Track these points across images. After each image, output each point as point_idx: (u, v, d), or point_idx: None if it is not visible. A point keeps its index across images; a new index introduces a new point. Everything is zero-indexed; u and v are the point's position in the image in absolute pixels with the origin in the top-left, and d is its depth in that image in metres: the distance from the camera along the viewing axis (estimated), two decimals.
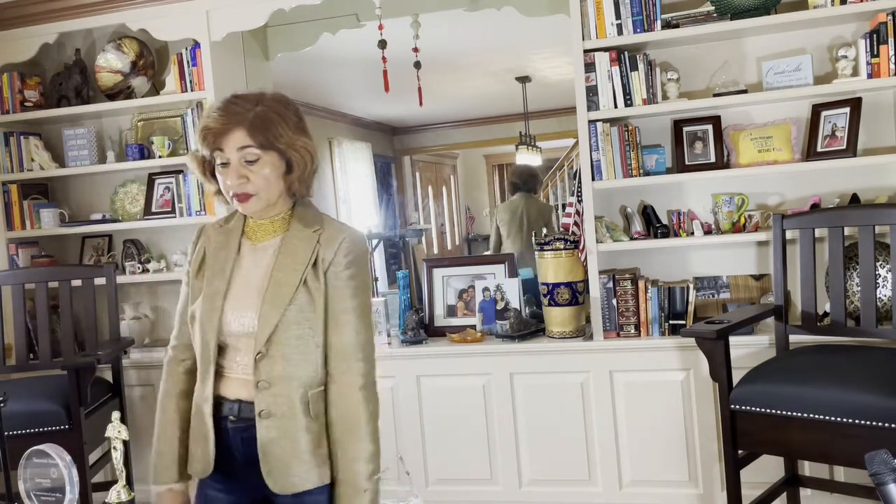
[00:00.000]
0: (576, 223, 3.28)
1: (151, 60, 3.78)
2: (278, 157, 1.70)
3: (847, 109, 3.00)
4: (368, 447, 1.69)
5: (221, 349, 1.75)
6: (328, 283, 1.72)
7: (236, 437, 1.74)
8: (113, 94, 3.74)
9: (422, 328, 3.50)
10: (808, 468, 2.96)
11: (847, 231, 2.83)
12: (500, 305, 3.43)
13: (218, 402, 1.75)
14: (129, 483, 1.83)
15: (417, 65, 4.38)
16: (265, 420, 1.69)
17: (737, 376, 2.66)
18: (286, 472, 1.69)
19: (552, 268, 3.23)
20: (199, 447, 1.77)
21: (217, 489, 1.81)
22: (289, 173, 1.72)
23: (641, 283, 3.15)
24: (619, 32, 3.09)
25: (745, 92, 3.08)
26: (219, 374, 1.76)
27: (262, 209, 1.74)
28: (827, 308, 2.93)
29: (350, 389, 1.70)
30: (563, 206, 6.06)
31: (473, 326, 3.45)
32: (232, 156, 1.67)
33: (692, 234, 3.19)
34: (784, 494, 2.90)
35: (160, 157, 3.66)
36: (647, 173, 3.19)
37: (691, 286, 3.16)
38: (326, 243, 1.73)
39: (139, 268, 3.72)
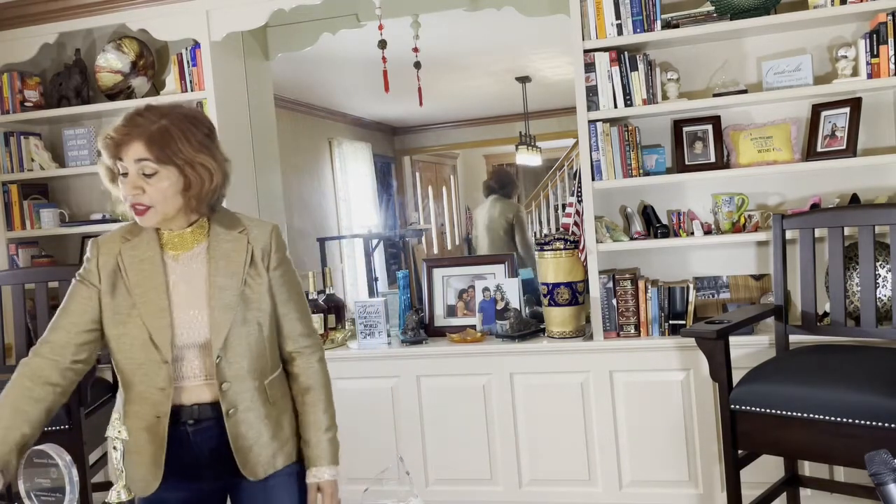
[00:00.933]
0: (576, 223, 3.28)
1: (151, 60, 3.78)
2: (177, 173, 1.69)
3: (847, 109, 3.00)
4: (329, 413, 1.87)
5: (174, 364, 1.76)
6: (270, 276, 1.82)
7: (196, 437, 1.79)
8: (113, 94, 3.74)
9: (422, 328, 3.51)
10: (808, 468, 2.96)
11: (847, 231, 2.83)
12: (500, 305, 3.43)
13: (177, 412, 1.77)
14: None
15: (417, 65, 4.39)
16: (232, 417, 1.77)
17: (737, 376, 2.67)
18: (256, 460, 1.79)
19: (552, 268, 3.23)
20: (143, 466, 1.76)
21: (167, 494, 1.80)
22: (186, 191, 1.71)
23: (641, 283, 3.15)
24: (619, 32, 3.09)
25: (745, 92, 3.08)
26: (175, 387, 1.77)
27: (159, 222, 1.76)
28: (827, 308, 2.93)
29: (311, 361, 1.88)
30: (563, 206, 6.08)
31: (473, 326, 3.45)
32: (130, 167, 1.69)
33: (692, 234, 3.19)
34: (784, 494, 2.90)
35: None
36: (647, 173, 3.19)
37: (691, 286, 3.16)
38: (256, 240, 1.81)
39: None
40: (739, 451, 2.65)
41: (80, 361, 1.79)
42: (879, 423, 2.30)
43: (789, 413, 2.47)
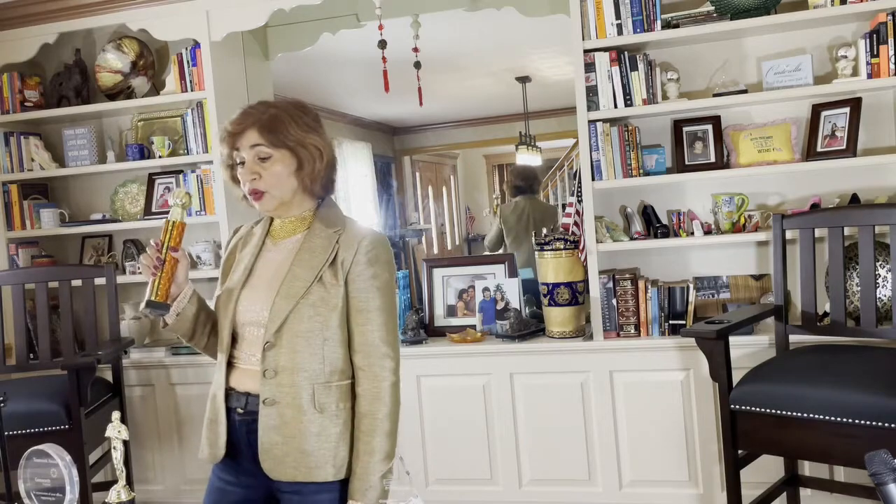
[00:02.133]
0: (576, 223, 3.28)
1: (151, 60, 3.79)
2: (289, 155, 1.78)
3: (847, 109, 3.00)
4: (385, 444, 1.76)
5: (236, 340, 1.82)
6: (350, 283, 1.77)
7: (242, 429, 1.79)
8: (113, 94, 3.74)
9: (422, 328, 3.51)
10: (808, 468, 2.96)
11: (847, 231, 2.83)
12: (500, 305, 3.43)
13: (228, 393, 1.81)
14: (129, 483, 1.83)
15: (417, 65, 4.38)
16: (268, 408, 1.74)
17: (737, 376, 2.67)
18: (283, 459, 1.74)
19: (552, 268, 3.23)
20: (211, 432, 1.83)
21: (225, 481, 1.85)
22: (300, 170, 1.79)
23: (641, 283, 3.15)
24: (619, 32, 3.09)
25: (745, 92, 3.08)
26: (232, 364, 1.82)
27: (276, 207, 1.81)
28: (827, 308, 2.93)
29: (379, 384, 1.79)
30: (563, 206, 6.06)
31: (473, 326, 3.45)
32: (246, 154, 1.78)
33: (692, 234, 3.19)
34: (784, 494, 2.90)
35: (160, 157, 3.66)
36: (647, 173, 3.19)
37: (691, 286, 3.16)
38: (345, 244, 1.79)
39: (139, 268, 3.71)
40: (739, 451, 2.65)
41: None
42: (879, 423, 2.30)
43: (789, 413, 2.47)
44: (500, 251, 5.60)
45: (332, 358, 1.77)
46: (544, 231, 3.35)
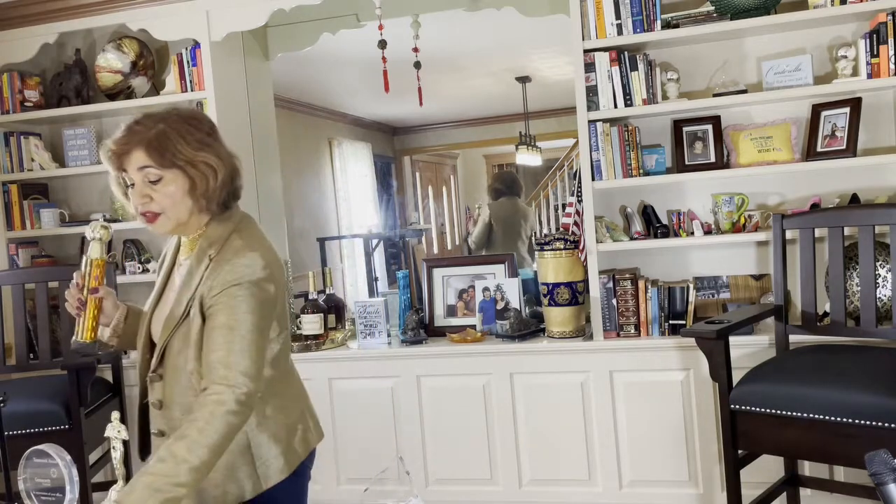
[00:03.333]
0: (576, 223, 3.28)
1: (151, 60, 3.78)
2: (181, 175, 1.66)
3: (847, 109, 3.00)
4: (180, 474, 1.50)
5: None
6: (205, 309, 1.66)
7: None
8: (113, 94, 3.74)
9: (422, 328, 3.50)
10: (808, 468, 2.96)
11: (847, 231, 2.83)
12: (500, 305, 3.43)
13: (147, 407, 1.80)
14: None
15: (417, 65, 4.38)
16: (158, 439, 1.73)
17: (737, 376, 2.67)
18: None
19: (552, 268, 3.23)
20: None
21: None
22: (193, 190, 1.68)
23: (641, 283, 3.15)
24: (619, 32, 3.09)
25: (745, 92, 3.08)
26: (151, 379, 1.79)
27: (173, 228, 1.73)
28: (827, 308, 2.93)
29: (210, 408, 1.56)
30: (563, 206, 6.10)
31: (473, 326, 3.45)
32: (135, 176, 1.67)
33: (692, 234, 3.19)
34: (784, 494, 2.90)
35: None
36: (647, 173, 3.19)
37: (691, 286, 3.16)
38: (211, 272, 1.67)
39: (139, 268, 3.72)
40: (739, 451, 2.65)
41: None
42: (879, 423, 2.30)
43: (789, 413, 2.47)
44: (484, 249, 5.82)
45: (198, 390, 1.65)
46: (544, 231, 3.34)
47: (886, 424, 2.29)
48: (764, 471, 2.88)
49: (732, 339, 2.73)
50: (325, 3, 3.38)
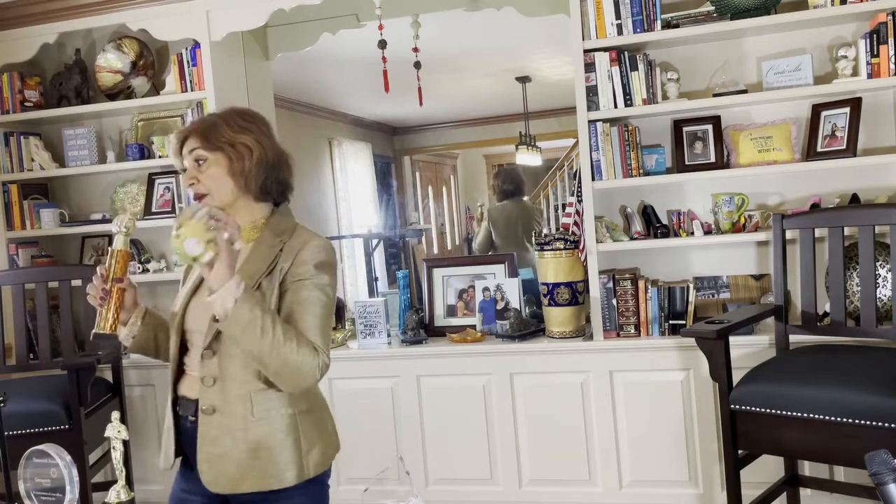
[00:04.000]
0: (576, 223, 3.28)
1: (151, 60, 3.79)
2: (222, 156, 1.80)
3: (847, 109, 3.00)
4: (273, 335, 1.63)
5: (188, 348, 1.82)
6: (285, 288, 1.75)
7: (191, 436, 1.79)
8: (113, 94, 3.74)
9: (422, 328, 3.51)
10: (808, 468, 2.96)
11: (847, 231, 2.83)
12: (500, 305, 3.43)
13: (182, 402, 1.81)
14: (129, 483, 1.83)
15: (417, 65, 4.38)
16: (208, 416, 1.74)
17: (737, 376, 2.67)
18: (222, 469, 1.74)
19: (552, 268, 3.23)
20: (166, 440, 1.85)
21: (185, 490, 1.86)
22: (232, 169, 1.81)
23: (641, 283, 3.16)
24: (619, 32, 3.09)
25: (745, 92, 3.08)
26: (183, 371, 1.83)
27: (225, 207, 1.80)
28: (827, 308, 2.93)
29: (308, 349, 1.70)
30: (563, 206, 6.06)
31: (473, 326, 3.45)
32: (187, 160, 1.82)
33: (692, 234, 3.19)
34: (784, 494, 2.90)
35: (160, 157, 3.66)
36: (647, 173, 3.19)
37: (691, 286, 3.16)
38: (287, 252, 1.78)
39: (139, 268, 3.72)
40: (739, 451, 2.65)
41: None
42: (879, 423, 2.30)
43: (789, 413, 2.47)
44: (490, 253, 5.61)
45: None
46: (544, 231, 3.34)
47: (886, 424, 2.29)
48: (764, 471, 2.88)
49: (732, 339, 2.73)
50: (325, 3, 3.38)
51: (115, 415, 1.79)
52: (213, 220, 1.58)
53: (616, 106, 3.12)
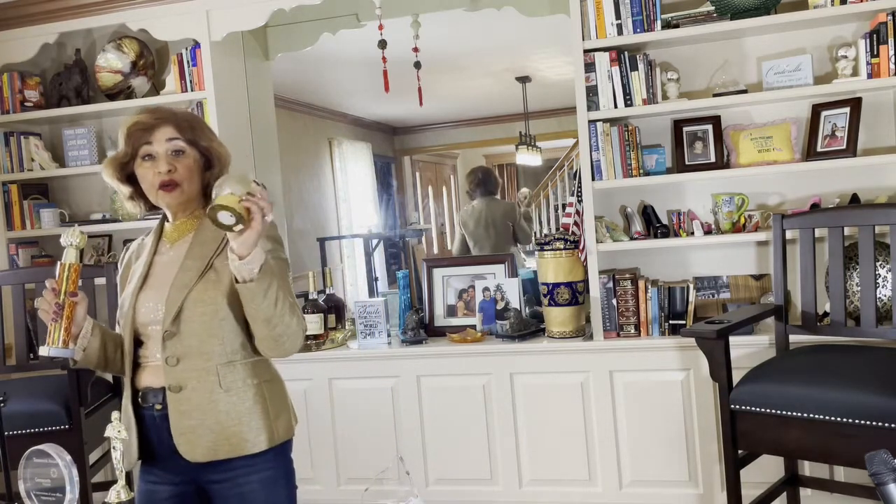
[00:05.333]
0: (576, 223, 3.28)
1: (151, 60, 3.78)
2: (199, 155, 1.85)
3: (847, 109, 3.00)
4: (278, 293, 1.72)
5: (142, 343, 1.85)
6: None
7: (162, 424, 1.81)
8: (113, 94, 3.74)
9: (422, 328, 3.50)
10: (808, 468, 2.96)
11: (847, 231, 2.83)
12: (500, 305, 3.43)
13: (144, 393, 1.83)
14: (129, 483, 1.83)
15: (417, 65, 4.38)
16: (175, 394, 1.78)
17: (737, 376, 2.67)
18: (197, 441, 1.78)
19: (552, 268, 3.23)
20: (129, 440, 1.86)
21: (152, 482, 1.89)
22: (208, 171, 1.87)
23: (641, 283, 3.15)
24: (619, 32, 3.09)
25: (745, 92, 3.08)
26: (140, 365, 1.85)
27: (182, 201, 1.86)
28: (827, 308, 2.93)
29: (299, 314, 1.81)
30: (563, 206, 6.06)
31: (473, 326, 3.45)
32: (160, 147, 1.81)
33: (692, 234, 3.19)
34: (784, 494, 2.90)
35: None
36: (647, 173, 3.19)
37: (691, 286, 3.16)
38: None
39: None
40: (739, 451, 2.65)
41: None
42: (879, 423, 2.30)
43: (789, 413, 2.47)
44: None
45: (230, 337, 1.80)
46: (544, 231, 3.34)
47: (886, 424, 2.29)
48: (764, 471, 2.88)
49: (732, 339, 2.73)
50: (325, 3, 3.38)
51: (115, 415, 1.78)
52: (246, 194, 1.61)
53: (616, 106, 3.12)
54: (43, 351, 1.74)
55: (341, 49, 5.22)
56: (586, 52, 3.13)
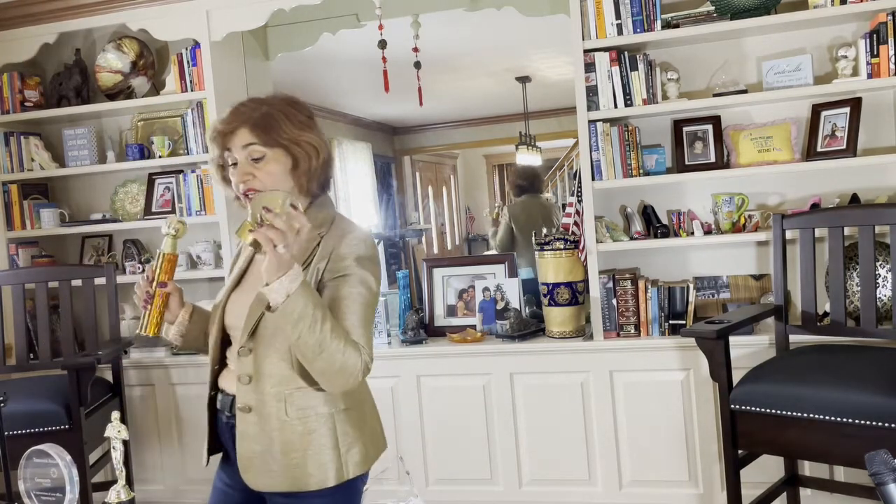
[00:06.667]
0: (576, 223, 3.28)
1: (151, 60, 3.79)
2: (283, 154, 1.71)
3: (847, 109, 3.00)
4: (329, 329, 1.58)
5: (229, 343, 1.80)
6: (323, 284, 1.68)
7: (228, 433, 1.78)
8: (113, 94, 3.74)
9: (422, 328, 3.51)
10: (808, 468, 2.96)
11: (847, 231, 2.83)
12: (500, 305, 3.43)
13: (223, 397, 1.80)
14: (129, 483, 1.83)
15: (417, 65, 4.38)
16: (245, 414, 1.71)
17: (737, 376, 2.67)
18: (261, 468, 1.71)
19: (552, 268, 3.23)
20: (202, 435, 1.85)
21: (226, 483, 1.86)
22: (295, 169, 1.73)
23: (641, 283, 3.15)
24: (619, 32, 3.09)
25: (745, 92, 3.08)
26: (224, 364, 1.82)
27: None
28: (827, 308, 2.93)
29: (354, 347, 1.63)
30: (564, 206, 6.10)
31: (473, 326, 3.45)
32: (238, 154, 1.71)
33: (692, 234, 3.19)
34: (784, 494, 2.90)
35: (160, 157, 3.66)
36: (647, 173, 3.19)
37: (691, 286, 3.16)
38: (324, 247, 1.71)
39: (139, 268, 3.72)
40: (739, 451, 2.65)
41: None
42: (879, 423, 2.30)
43: (789, 413, 2.47)
44: (511, 250, 5.59)
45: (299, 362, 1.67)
46: (544, 231, 3.35)
47: (886, 424, 2.29)
48: (764, 471, 2.88)
49: (732, 339, 2.73)
50: (325, 3, 3.39)
51: (115, 415, 1.78)
52: (268, 213, 1.52)
53: (616, 106, 3.12)
54: (136, 334, 1.79)
55: (341, 49, 5.22)
56: (586, 52, 3.13)
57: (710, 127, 3.18)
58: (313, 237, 1.72)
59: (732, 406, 2.60)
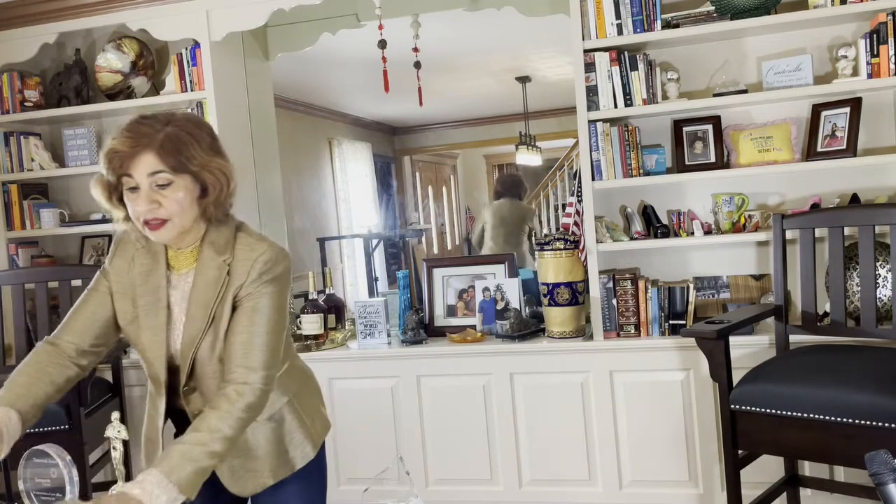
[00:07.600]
0: (576, 223, 3.28)
1: (151, 60, 3.78)
2: (192, 181, 1.61)
3: (847, 109, 3.00)
4: (203, 459, 1.51)
5: (176, 368, 1.75)
6: (237, 302, 1.66)
7: None
8: (113, 94, 3.74)
9: (422, 328, 3.50)
10: (808, 468, 2.96)
11: (847, 231, 2.83)
12: (500, 305, 3.43)
13: (183, 415, 1.77)
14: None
15: (417, 65, 4.38)
16: None
17: (737, 376, 2.67)
18: (246, 476, 1.76)
19: (552, 268, 3.23)
20: (148, 451, 1.82)
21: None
22: (203, 197, 1.64)
23: (641, 283, 3.15)
24: (619, 32, 3.09)
25: (745, 92, 3.08)
26: (174, 389, 1.75)
27: (175, 236, 1.66)
28: (827, 308, 2.93)
29: (233, 403, 1.57)
30: (563, 206, 6.21)
31: (473, 326, 3.45)
32: (142, 181, 1.58)
33: (692, 234, 3.19)
34: (784, 494, 2.90)
35: None
36: (647, 173, 3.19)
37: (691, 286, 3.16)
38: (235, 273, 1.67)
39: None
40: (739, 451, 2.65)
41: (99, 345, 1.79)
42: (879, 423, 2.30)
43: (789, 413, 2.47)
44: (482, 247, 6.23)
45: None
46: (544, 231, 3.35)
47: (886, 424, 2.29)
48: (764, 471, 2.88)
49: (732, 339, 2.73)
50: (325, 3, 3.38)
51: (115, 415, 1.78)
52: None
53: (616, 106, 3.12)
54: None
55: (341, 49, 5.22)
56: (586, 51, 3.13)
57: (710, 127, 3.18)
58: (220, 264, 1.67)
59: (732, 406, 2.60)
